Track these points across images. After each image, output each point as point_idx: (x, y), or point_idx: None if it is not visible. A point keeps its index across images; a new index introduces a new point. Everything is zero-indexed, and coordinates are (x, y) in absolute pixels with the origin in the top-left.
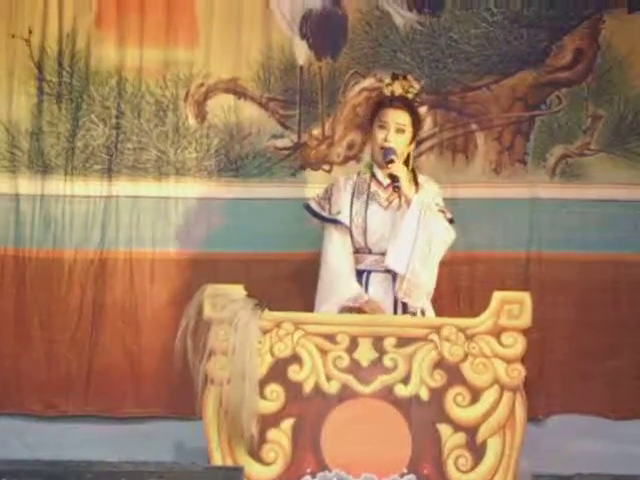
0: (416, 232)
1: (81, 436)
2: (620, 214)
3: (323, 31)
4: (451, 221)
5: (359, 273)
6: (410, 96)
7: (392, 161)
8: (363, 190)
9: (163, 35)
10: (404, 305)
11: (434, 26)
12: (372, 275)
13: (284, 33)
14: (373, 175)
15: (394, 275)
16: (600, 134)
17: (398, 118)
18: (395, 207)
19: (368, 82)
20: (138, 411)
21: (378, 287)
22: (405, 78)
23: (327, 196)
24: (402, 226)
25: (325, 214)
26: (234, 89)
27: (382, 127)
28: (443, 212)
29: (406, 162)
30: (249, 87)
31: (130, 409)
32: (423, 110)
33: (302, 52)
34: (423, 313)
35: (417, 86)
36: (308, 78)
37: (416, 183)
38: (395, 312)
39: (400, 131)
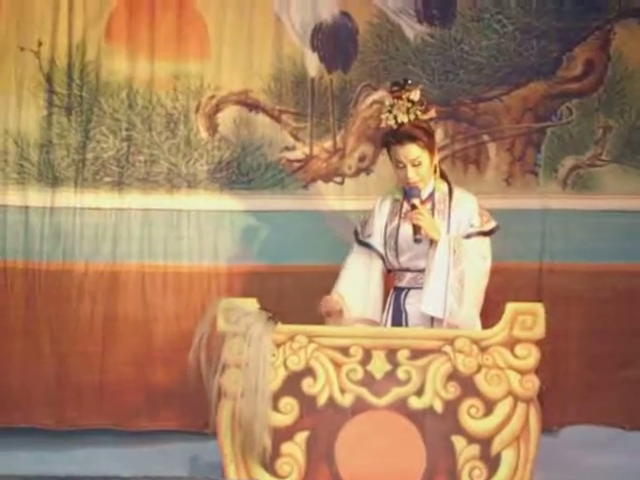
0: (447, 273)
1: (96, 451)
2: (632, 224)
3: (334, 44)
4: (492, 232)
5: (400, 290)
6: (412, 117)
7: (414, 206)
8: (396, 211)
9: (174, 47)
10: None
11: (445, 38)
12: (410, 292)
13: (295, 45)
14: (405, 194)
15: None
16: (611, 145)
17: (410, 155)
18: None
19: (379, 94)
20: (151, 425)
21: (417, 304)
22: (402, 91)
23: (366, 218)
24: (432, 269)
25: (360, 237)
26: (245, 101)
27: (398, 166)
28: (483, 233)
29: (436, 171)
30: (260, 99)
31: (143, 423)
32: (432, 114)
33: (313, 64)
34: None
35: (417, 94)
36: (319, 90)
37: (450, 197)
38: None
39: (417, 164)
